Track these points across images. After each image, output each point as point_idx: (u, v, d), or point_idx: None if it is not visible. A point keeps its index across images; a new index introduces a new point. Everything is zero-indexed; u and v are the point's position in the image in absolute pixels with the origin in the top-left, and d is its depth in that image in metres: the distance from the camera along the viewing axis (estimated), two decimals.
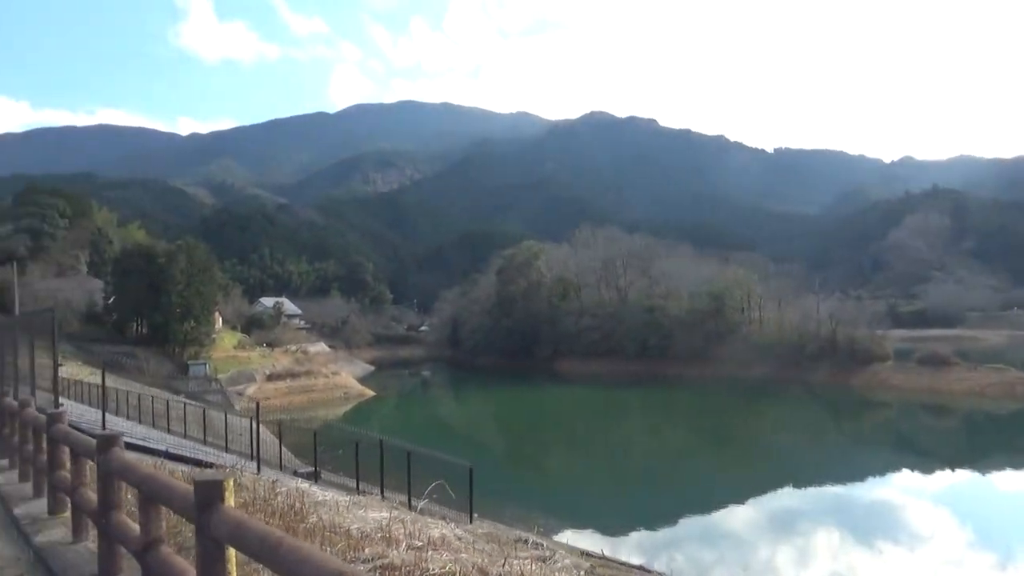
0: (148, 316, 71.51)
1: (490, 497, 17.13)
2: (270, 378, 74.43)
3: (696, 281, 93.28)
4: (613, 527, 23.12)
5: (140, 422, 28.65)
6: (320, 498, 8.25)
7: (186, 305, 69.75)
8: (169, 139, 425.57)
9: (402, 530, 6.52)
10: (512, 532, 11.05)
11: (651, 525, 24.72)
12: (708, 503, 28.23)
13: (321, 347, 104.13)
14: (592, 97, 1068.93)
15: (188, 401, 39.73)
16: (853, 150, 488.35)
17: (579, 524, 21.71)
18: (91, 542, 5.45)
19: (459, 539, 7.44)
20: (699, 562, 20.39)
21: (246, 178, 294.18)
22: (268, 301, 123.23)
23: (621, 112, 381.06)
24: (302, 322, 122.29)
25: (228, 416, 24.99)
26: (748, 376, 74.21)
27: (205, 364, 70.65)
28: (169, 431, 26.49)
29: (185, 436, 24.82)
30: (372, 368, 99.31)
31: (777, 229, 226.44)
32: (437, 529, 7.46)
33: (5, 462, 9.29)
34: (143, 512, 3.94)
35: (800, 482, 32.85)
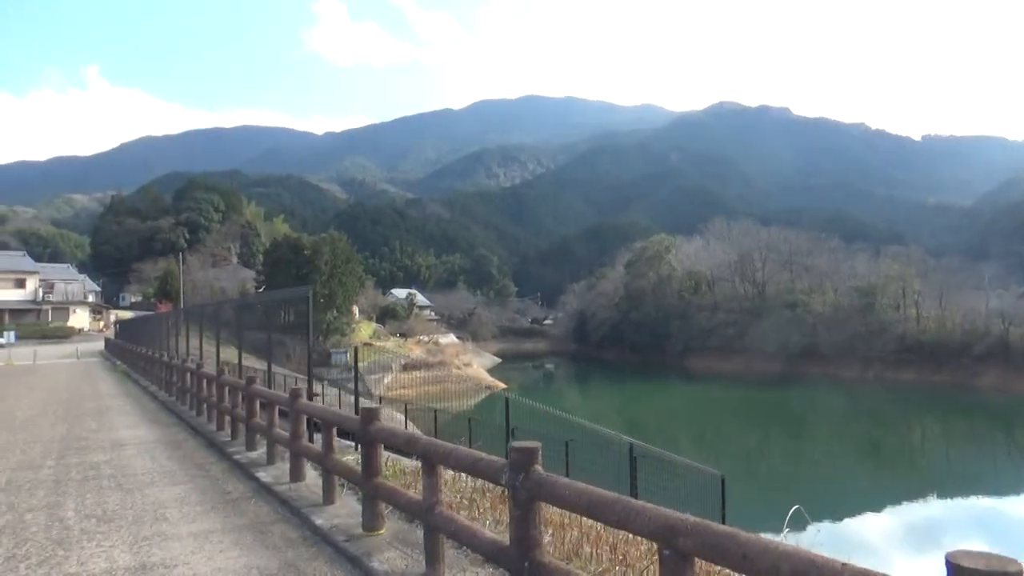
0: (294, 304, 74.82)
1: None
2: (405, 368, 76.23)
3: (845, 276, 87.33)
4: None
5: None
6: None
7: (329, 295, 72.33)
8: (305, 137, 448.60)
9: None
10: None
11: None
12: (845, 511, 25.61)
13: (451, 339, 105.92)
14: (720, 87, 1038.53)
15: (331, 388, 40.92)
16: (1013, 135, 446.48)
17: None
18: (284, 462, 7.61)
19: None
20: None
21: (376, 174, 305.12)
22: (400, 292, 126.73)
23: (751, 101, 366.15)
24: (432, 313, 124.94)
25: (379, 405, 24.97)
26: (902, 378, 68.63)
27: (346, 352, 73.18)
28: None
29: None
30: (499, 360, 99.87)
31: (927, 221, 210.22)
32: None
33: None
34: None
35: (953, 494, 29.43)
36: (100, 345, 50.40)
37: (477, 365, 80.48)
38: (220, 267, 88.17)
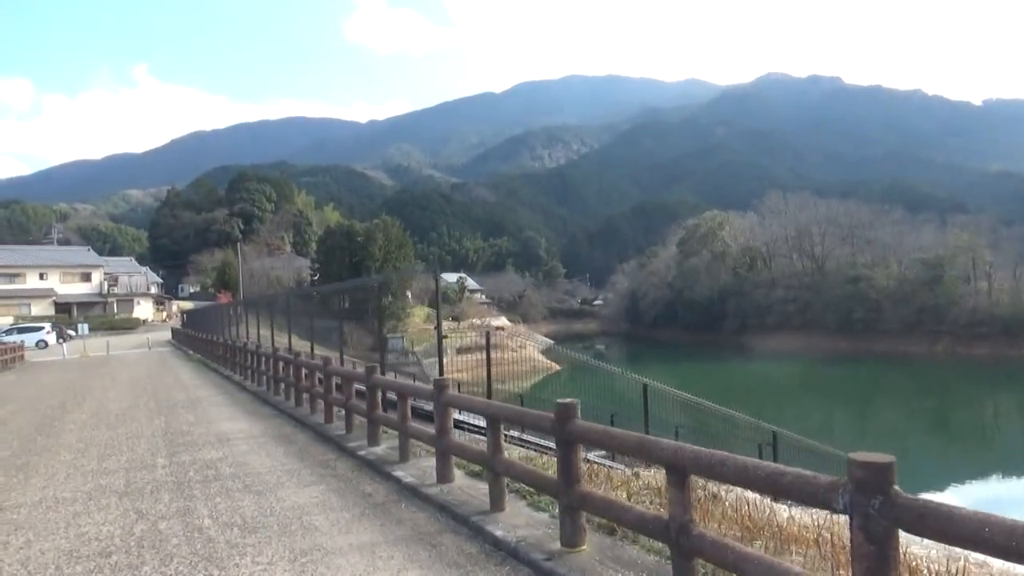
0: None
1: None
2: (459, 351, 76.11)
3: (909, 248, 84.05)
4: None
5: None
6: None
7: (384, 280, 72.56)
8: (350, 127, 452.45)
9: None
10: None
11: None
12: (914, 490, 24.20)
13: (503, 321, 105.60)
14: (767, 58, 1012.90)
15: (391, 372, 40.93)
16: None
17: None
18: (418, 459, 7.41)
19: None
20: None
21: (421, 160, 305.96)
22: (450, 277, 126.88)
23: (800, 72, 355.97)
24: (482, 297, 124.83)
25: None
26: (972, 354, 65.80)
27: (401, 337, 73.36)
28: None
29: None
30: (551, 342, 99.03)
31: (991, 189, 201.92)
32: None
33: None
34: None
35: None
36: (166, 335, 51.17)
37: (532, 347, 79.97)
38: (275, 256, 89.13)
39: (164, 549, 5.62)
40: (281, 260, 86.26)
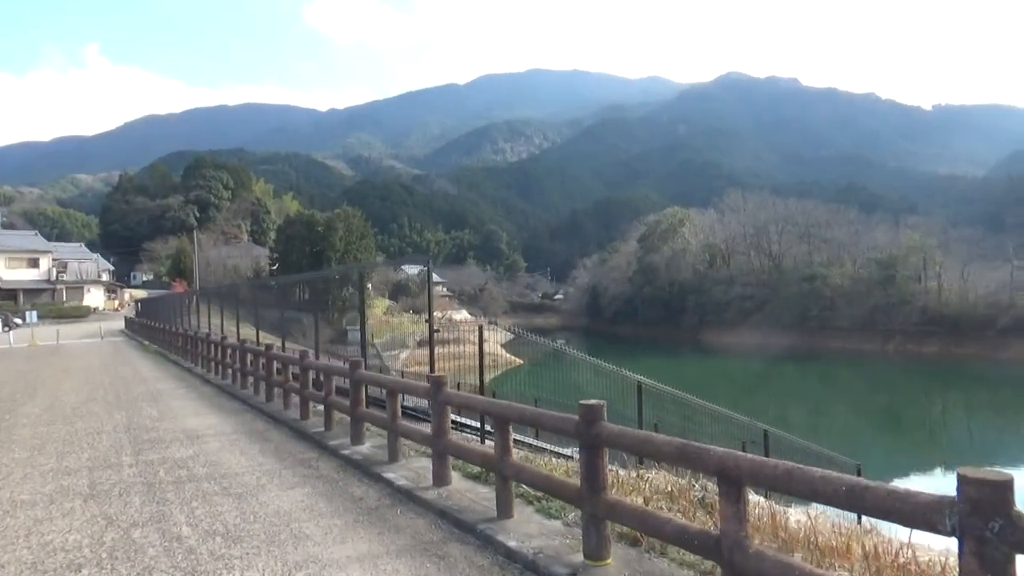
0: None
1: None
2: (420, 344, 75.57)
3: (863, 248, 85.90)
4: None
5: None
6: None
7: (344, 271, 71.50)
8: (309, 114, 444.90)
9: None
10: None
11: None
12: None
13: (464, 314, 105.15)
14: (727, 58, 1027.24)
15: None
16: None
17: None
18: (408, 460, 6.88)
19: None
20: None
21: (382, 150, 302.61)
22: (411, 269, 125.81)
23: (759, 72, 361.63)
24: (443, 289, 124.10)
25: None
26: (924, 351, 67.46)
27: (366, 330, 72.40)
28: None
29: None
30: (511, 336, 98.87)
31: (940, 192, 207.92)
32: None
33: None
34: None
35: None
36: (119, 324, 49.53)
37: (493, 340, 79.76)
38: (232, 245, 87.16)
39: (140, 561, 5.13)
40: (238, 249, 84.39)
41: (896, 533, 5.07)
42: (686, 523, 3.91)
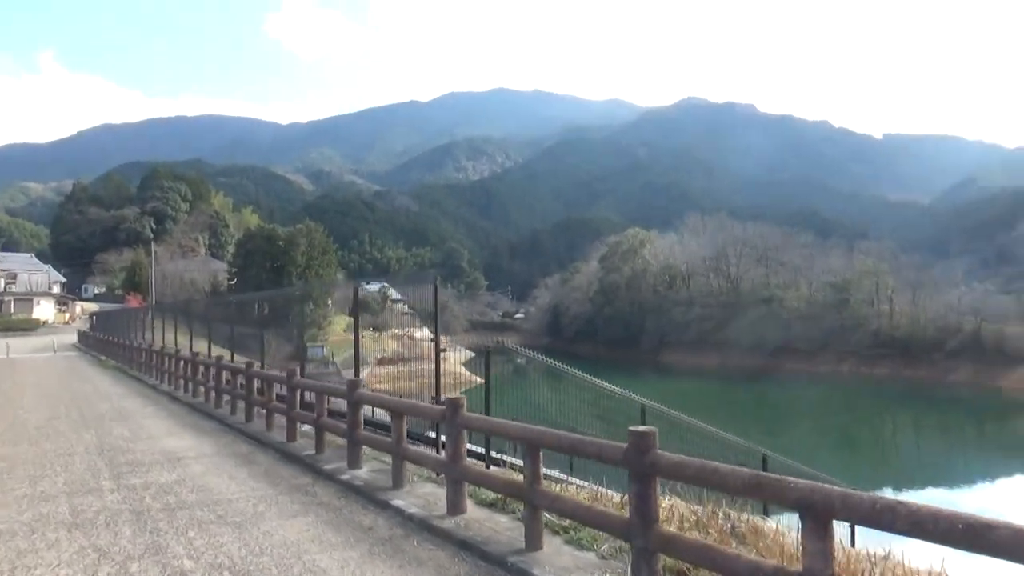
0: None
1: None
2: (381, 362, 74.58)
3: (818, 271, 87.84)
4: None
5: None
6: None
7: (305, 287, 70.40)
8: (270, 127, 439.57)
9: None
10: None
11: None
12: None
13: (425, 332, 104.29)
14: (687, 83, 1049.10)
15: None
16: (971, 135, 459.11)
17: None
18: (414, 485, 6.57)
19: None
20: None
21: (343, 165, 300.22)
22: (372, 286, 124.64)
23: (718, 98, 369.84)
24: (404, 307, 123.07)
25: None
26: (876, 373, 68.96)
27: (322, 347, 71.17)
28: None
29: None
30: (472, 355, 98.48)
31: (890, 217, 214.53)
32: None
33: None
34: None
35: (923, 485, 29.10)
36: (71, 338, 47.83)
37: (454, 359, 79.08)
38: (189, 258, 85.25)
39: None
40: (196, 262, 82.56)
41: None
42: (759, 560, 3.74)
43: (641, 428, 4.20)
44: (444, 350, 10.58)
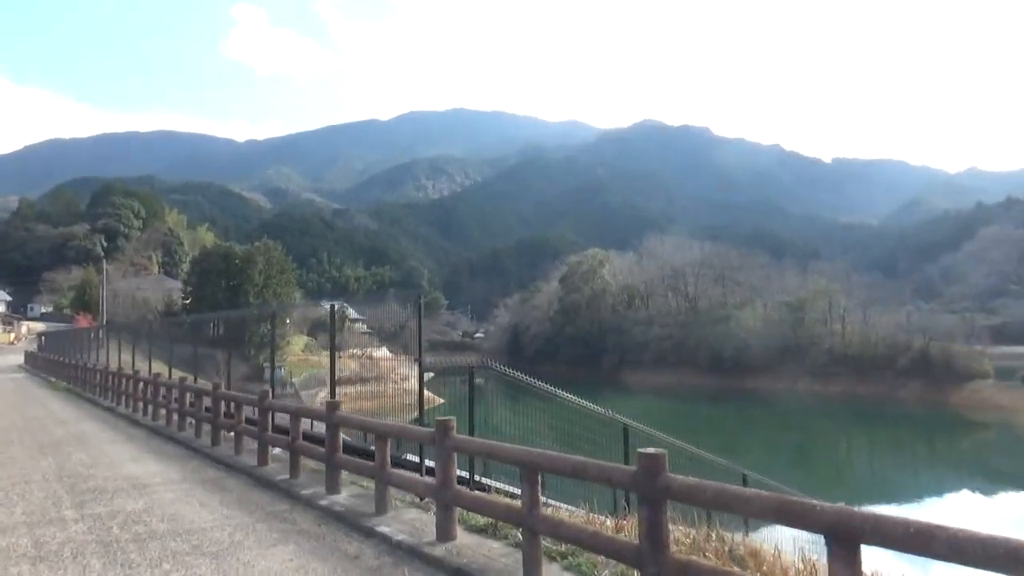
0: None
1: None
2: (340, 383, 73.40)
3: (774, 291, 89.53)
4: None
5: None
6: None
7: (263, 306, 69.05)
8: (226, 144, 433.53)
9: None
10: None
11: None
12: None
13: (384, 352, 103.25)
14: (644, 106, 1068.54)
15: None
16: (915, 160, 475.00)
17: None
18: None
19: None
20: None
21: (301, 183, 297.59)
22: (327, 304, 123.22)
23: (674, 120, 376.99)
24: (364, 327, 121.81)
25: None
26: (830, 391, 70.31)
27: (281, 367, 69.79)
28: None
29: None
30: (431, 375, 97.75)
31: (839, 239, 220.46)
32: None
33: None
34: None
35: (875, 501, 29.76)
36: (17, 359, 45.93)
37: (414, 379, 78.41)
38: (142, 277, 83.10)
39: None
40: (149, 281, 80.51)
41: None
42: None
43: (651, 450, 4.11)
44: (422, 368, 10.39)
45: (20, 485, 9.31)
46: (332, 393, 10.47)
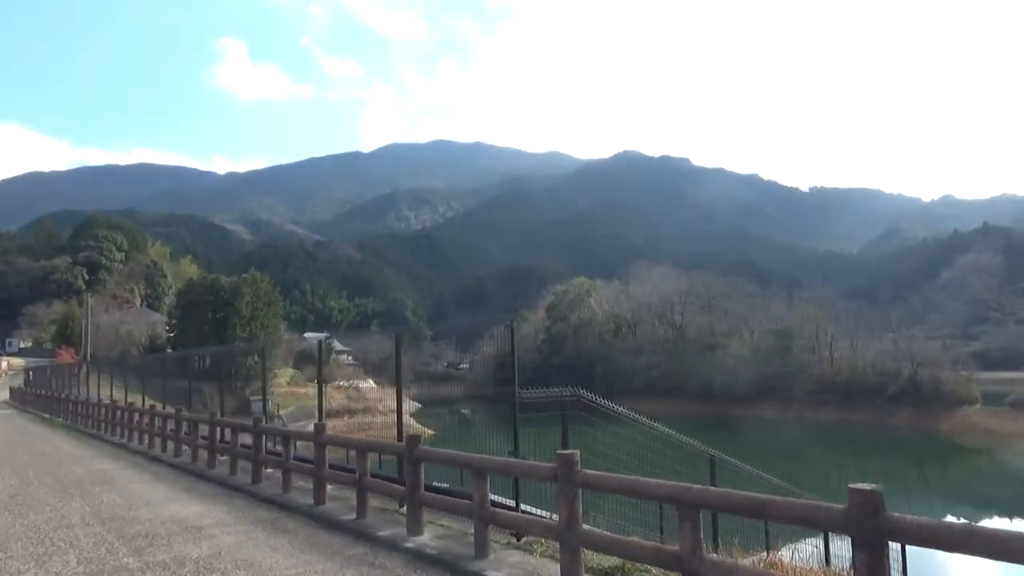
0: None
1: None
2: (328, 415, 72.26)
3: (761, 319, 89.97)
4: None
5: None
6: None
7: (249, 339, 67.98)
8: (206, 177, 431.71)
9: None
10: None
11: None
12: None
13: (370, 384, 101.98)
14: (624, 137, 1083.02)
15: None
16: (890, 189, 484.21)
17: None
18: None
19: None
20: None
21: (283, 215, 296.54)
22: (314, 337, 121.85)
23: (654, 151, 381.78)
24: (349, 358, 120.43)
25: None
26: (820, 418, 70.45)
27: (267, 400, 68.61)
28: None
29: None
30: (419, 406, 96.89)
31: (820, 267, 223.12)
32: None
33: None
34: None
35: None
36: (2, 395, 44.67)
37: (403, 410, 77.21)
38: (125, 310, 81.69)
39: None
40: (132, 314, 79.17)
41: None
42: None
43: (863, 486, 3.77)
44: (402, 398, 9.96)
45: (62, 529, 8.70)
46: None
